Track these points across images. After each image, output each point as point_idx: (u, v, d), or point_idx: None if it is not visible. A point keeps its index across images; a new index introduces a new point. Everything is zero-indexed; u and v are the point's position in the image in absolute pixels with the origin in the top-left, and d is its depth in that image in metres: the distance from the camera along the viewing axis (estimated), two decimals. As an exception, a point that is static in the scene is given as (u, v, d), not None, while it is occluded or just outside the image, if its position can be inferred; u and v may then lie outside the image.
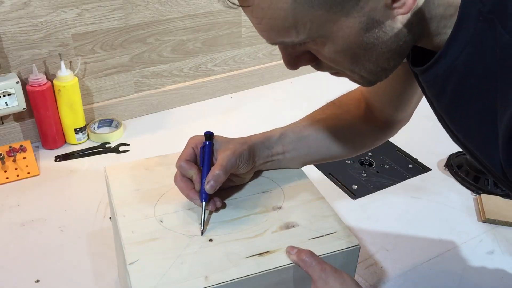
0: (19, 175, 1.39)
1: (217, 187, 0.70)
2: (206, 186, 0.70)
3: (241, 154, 0.73)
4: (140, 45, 1.61)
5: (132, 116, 1.70)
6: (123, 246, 0.69)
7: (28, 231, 1.20)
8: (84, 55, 1.52)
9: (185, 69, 1.75)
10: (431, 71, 0.57)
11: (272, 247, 0.68)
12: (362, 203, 1.32)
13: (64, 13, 1.43)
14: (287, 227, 0.72)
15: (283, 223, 0.73)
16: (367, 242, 1.19)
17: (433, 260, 1.14)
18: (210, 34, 1.73)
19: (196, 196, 0.72)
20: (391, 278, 1.10)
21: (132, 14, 1.54)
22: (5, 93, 1.38)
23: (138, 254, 0.67)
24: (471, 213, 1.29)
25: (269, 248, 0.68)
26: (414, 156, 1.49)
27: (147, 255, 0.67)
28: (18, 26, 1.38)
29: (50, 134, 1.50)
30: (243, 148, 0.75)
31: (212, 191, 0.70)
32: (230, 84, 1.86)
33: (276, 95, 1.87)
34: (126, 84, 1.65)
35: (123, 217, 0.74)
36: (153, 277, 0.64)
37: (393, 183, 1.39)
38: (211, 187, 0.70)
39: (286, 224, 0.73)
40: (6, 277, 1.07)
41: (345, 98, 0.92)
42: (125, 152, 1.52)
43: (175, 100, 1.76)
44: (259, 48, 1.87)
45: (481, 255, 1.16)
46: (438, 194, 1.36)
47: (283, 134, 0.83)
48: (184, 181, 0.74)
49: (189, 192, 0.73)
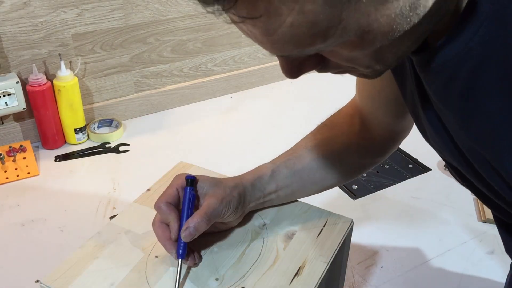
0: (19, 175, 1.39)
1: (195, 236, 0.62)
2: (183, 233, 0.62)
3: (228, 202, 0.66)
4: (140, 45, 1.61)
5: (132, 116, 1.70)
6: None
7: (28, 231, 1.20)
8: (84, 55, 1.52)
9: (185, 69, 1.75)
10: (437, 57, 0.48)
11: None
12: (362, 203, 1.32)
13: (64, 13, 1.43)
14: (286, 240, 0.70)
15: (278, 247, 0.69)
16: (367, 242, 1.19)
17: (433, 260, 1.14)
18: (210, 34, 1.73)
19: (173, 248, 0.63)
20: (391, 278, 1.09)
21: (132, 14, 1.54)
22: (5, 93, 1.38)
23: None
24: (471, 213, 1.29)
25: None
26: (414, 156, 1.49)
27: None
28: (18, 26, 1.38)
29: (50, 134, 1.50)
30: (232, 195, 0.67)
31: (189, 239, 0.62)
32: (230, 84, 1.86)
33: (276, 95, 1.87)
34: (126, 84, 1.65)
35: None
36: None
37: (393, 183, 1.39)
38: (188, 235, 0.62)
39: (285, 238, 0.71)
40: (6, 277, 1.07)
41: (337, 117, 0.83)
42: (125, 152, 1.52)
43: (175, 100, 1.76)
44: (259, 48, 1.87)
45: (481, 255, 1.16)
46: (438, 194, 1.36)
47: (275, 170, 0.75)
48: (162, 227, 0.64)
49: (165, 243, 0.64)
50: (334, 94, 1.86)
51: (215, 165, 1.17)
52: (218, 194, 0.66)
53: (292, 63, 0.48)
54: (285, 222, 0.73)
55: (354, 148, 0.79)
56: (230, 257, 0.67)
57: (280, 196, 0.75)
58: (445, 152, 0.59)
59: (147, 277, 0.63)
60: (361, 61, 0.47)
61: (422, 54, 0.50)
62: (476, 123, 0.49)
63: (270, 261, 0.66)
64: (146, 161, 1.48)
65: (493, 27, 0.43)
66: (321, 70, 0.51)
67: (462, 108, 0.50)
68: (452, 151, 0.57)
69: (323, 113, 0.84)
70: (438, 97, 0.52)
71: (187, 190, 0.66)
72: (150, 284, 0.62)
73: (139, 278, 0.63)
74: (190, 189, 0.66)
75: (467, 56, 0.46)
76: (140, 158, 1.50)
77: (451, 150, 0.57)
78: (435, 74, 0.50)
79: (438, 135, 0.57)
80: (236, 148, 1.55)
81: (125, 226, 0.71)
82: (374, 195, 1.35)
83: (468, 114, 0.49)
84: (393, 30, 0.43)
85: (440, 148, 0.60)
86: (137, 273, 0.63)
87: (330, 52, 0.46)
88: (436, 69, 0.49)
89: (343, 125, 0.81)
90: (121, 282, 0.62)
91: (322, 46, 0.43)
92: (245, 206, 0.70)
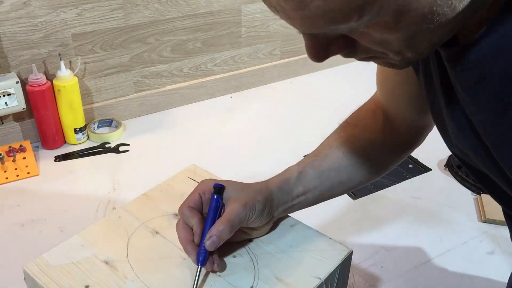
0: (19, 175, 1.38)
1: (219, 244, 0.61)
2: (207, 242, 0.61)
3: (253, 206, 0.64)
4: (140, 45, 1.61)
5: (132, 116, 1.70)
6: None
7: (28, 231, 1.20)
8: (83, 55, 1.52)
9: (185, 69, 1.75)
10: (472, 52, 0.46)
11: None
12: (362, 203, 1.32)
13: (64, 13, 1.43)
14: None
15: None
16: (367, 242, 1.19)
17: (433, 260, 1.14)
18: (210, 34, 1.73)
19: (193, 251, 0.62)
20: (391, 278, 1.09)
21: (132, 14, 1.54)
22: (5, 93, 1.38)
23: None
24: (471, 213, 1.29)
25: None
26: (414, 156, 1.49)
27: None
28: (18, 26, 1.38)
29: (49, 134, 1.50)
30: (257, 199, 0.65)
31: (213, 249, 0.61)
32: (230, 84, 1.86)
33: (276, 95, 1.87)
34: (126, 84, 1.65)
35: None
36: None
37: (393, 183, 1.39)
38: (212, 244, 0.60)
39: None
40: (6, 277, 1.07)
41: (359, 113, 0.81)
42: (125, 152, 1.52)
43: (175, 100, 1.76)
44: (259, 48, 1.87)
45: (481, 255, 1.16)
46: (438, 194, 1.36)
47: (302, 172, 0.72)
48: (185, 230, 0.64)
49: (187, 245, 0.63)
50: (334, 94, 1.87)
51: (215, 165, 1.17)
52: (242, 199, 0.64)
53: (319, 43, 0.45)
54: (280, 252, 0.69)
55: (379, 144, 0.77)
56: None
57: (309, 198, 0.73)
58: (469, 150, 0.57)
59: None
60: (393, 45, 0.44)
61: (453, 49, 0.48)
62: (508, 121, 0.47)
63: None
64: (146, 161, 1.48)
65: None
66: (348, 55, 0.47)
67: (495, 106, 0.47)
68: (477, 150, 0.55)
69: (323, 113, 0.84)
70: (469, 94, 0.50)
71: (213, 197, 0.65)
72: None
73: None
74: (218, 197, 0.65)
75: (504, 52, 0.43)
76: (140, 158, 1.50)
77: (476, 149, 0.55)
78: (468, 70, 0.48)
79: (463, 133, 0.55)
80: (236, 148, 1.55)
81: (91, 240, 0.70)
82: (374, 195, 1.35)
83: (501, 112, 0.47)
84: (432, 12, 0.40)
85: (464, 146, 0.58)
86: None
87: (362, 33, 0.43)
88: (470, 64, 0.47)
89: (366, 121, 0.79)
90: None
91: (356, 24, 0.40)
92: (273, 210, 0.68)
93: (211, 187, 0.65)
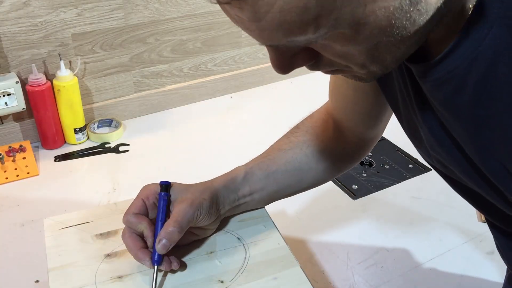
0: (19, 175, 1.38)
1: (170, 247, 0.61)
2: (158, 245, 0.60)
3: (199, 205, 0.63)
4: (140, 45, 1.61)
5: (132, 116, 1.70)
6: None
7: (28, 231, 1.20)
8: (83, 55, 1.52)
9: (185, 69, 1.75)
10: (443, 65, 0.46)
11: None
12: (362, 203, 1.32)
13: (64, 13, 1.43)
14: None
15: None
16: (367, 242, 1.19)
17: (433, 260, 1.14)
18: (210, 34, 1.73)
19: (145, 256, 0.61)
20: (391, 278, 1.09)
21: (132, 14, 1.54)
22: (5, 93, 1.38)
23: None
24: (471, 213, 1.29)
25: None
26: (414, 156, 1.49)
27: None
28: (18, 26, 1.38)
29: (49, 134, 1.50)
30: (203, 197, 0.65)
31: (164, 251, 0.60)
32: (230, 84, 1.86)
33: (276, 95, 1.87)
34: (126, 84, 1.65)
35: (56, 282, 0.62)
36: None
37: (393, 183, 1.39)
38: (163, 247, 0.60)
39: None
40: (6, 277, 1.07)
41: (311, 120, 0.82)
42: (125, 152, 1.52)
43: (175, 100, 1.76)
44: (259, 48, 1.87)
45: (481, 255, 1.16)
46: (438, 194, 1.36)
47: (249, 172, 0.73)
48: (132, 238, 0.62)
49: (137, 252, 0.61)
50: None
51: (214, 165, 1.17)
52: (188, 199, 0.64)
53: (282, 55, 0.45)
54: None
55: (328, 152, 0.79)
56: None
57: (256, 199, 0.73)
58: (449, 161, 0.57)
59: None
60: (355, 58, 0.44)
61: (423, 64, 0.48)
62: (489, 130, 0.47)
63: None
64: (146, 161, 1.48)
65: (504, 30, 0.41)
66: (312, 67, 0.47)
67: (473, 117, 0.47)
68: (459, 161, 0.55)
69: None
70: (446, 107, 0.50)
71: (161, 195, 0.64)
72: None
73: None
74: (165, 194, 0.64)
75: (477, 62, 0.44)
76: (140, 158, 1.50)
77: (456, 160, 0.55)
78: (441, 84, 0.48)
79: (441, 144, 0.55)
80: (236, 148, 1.55)
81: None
82: (374, 195, 1.35)
83: (480, 121, 0.47)
84: (391, 25, 0.40)
85: (442, 157, 0.58)
86: None
87: (323, 46, 0.43)
88: (443, 78, 0.47)
89: (317, 130, 0.80)
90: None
91: (313, 36, 0.40)
92: (220, 209, 0.68)
93: (154, 191, 0.65)
